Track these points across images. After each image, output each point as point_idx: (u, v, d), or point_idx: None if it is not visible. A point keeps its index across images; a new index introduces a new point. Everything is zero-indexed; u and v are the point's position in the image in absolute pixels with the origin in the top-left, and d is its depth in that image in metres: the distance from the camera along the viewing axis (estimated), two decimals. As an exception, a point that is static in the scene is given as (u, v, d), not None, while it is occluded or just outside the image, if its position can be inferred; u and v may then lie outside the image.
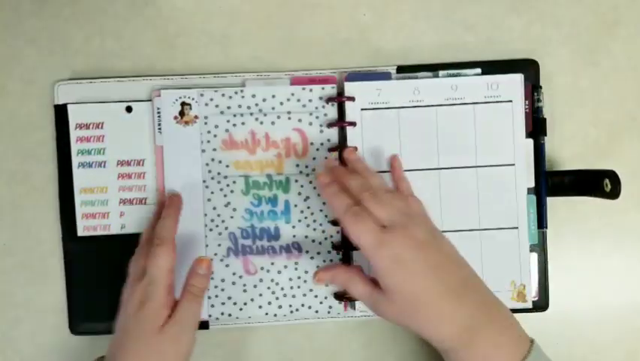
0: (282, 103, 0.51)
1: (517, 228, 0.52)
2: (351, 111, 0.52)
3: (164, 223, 0.47)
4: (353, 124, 0.51)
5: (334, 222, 0.52)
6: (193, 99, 0.51)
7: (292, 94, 0.51)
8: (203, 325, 0.52)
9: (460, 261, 0.44)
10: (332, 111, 0.52)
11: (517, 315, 0.53)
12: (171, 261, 0.45)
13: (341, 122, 0.52)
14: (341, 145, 0.52)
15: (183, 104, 0.51)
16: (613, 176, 0.47)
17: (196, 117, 0.52)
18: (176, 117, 0.51)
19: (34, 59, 0.53)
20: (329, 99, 0.52)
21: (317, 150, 0.51)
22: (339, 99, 0.52)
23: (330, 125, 0.52)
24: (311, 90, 0.51)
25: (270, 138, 0.51)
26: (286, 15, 0.54)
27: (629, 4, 0.54)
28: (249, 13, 0.54)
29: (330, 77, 0.53)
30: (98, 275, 0.52)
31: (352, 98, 0.51)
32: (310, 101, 0.51)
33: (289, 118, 0.51)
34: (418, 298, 0.41)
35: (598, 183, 0.48)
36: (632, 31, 0.54)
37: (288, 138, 0.51)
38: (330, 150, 0.52)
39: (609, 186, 0.47)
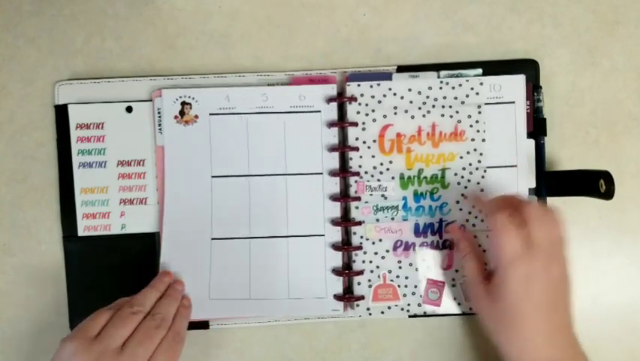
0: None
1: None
2: (352, 111, 0.52)
3: (184, 322, 0.48)
4: (354, 124, 0.51)
5: (335, 223, 0.52)
6: (193, 99, 0.51)
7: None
8: (204, 325, 0.52)
9: (569, 308, 0.45)
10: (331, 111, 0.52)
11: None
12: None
13: (341, 122, 0.52)
14: (341, 145, 0.52)
15: (184, 103, 0.51)
16: (607, 176, 0.47)
17: (196, 117, 0.51)
18: (176, 117, 0.51)
19: (34, 59, 0.53)
20: (329, 99, 0.52)
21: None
22: (340, 99, 0.52)
23: (330, 125, 0.52)
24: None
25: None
26: (286, 15, 0.54)
27: (629, 4, 0.54)
28: (249, 13, 0.54)
29: (330, 77, 0.53)
30: (99, 275, 0.52)
31: (354, 99, 0.51)
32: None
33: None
34: (522, 321, 0.43)
35: (593, 184, 0.48)
36: (632, 31, 0.54)
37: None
38: (331, 150, 0.52)
39: (604, 187, 0.47)
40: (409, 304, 0.52)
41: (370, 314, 0.52)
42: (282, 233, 0.52)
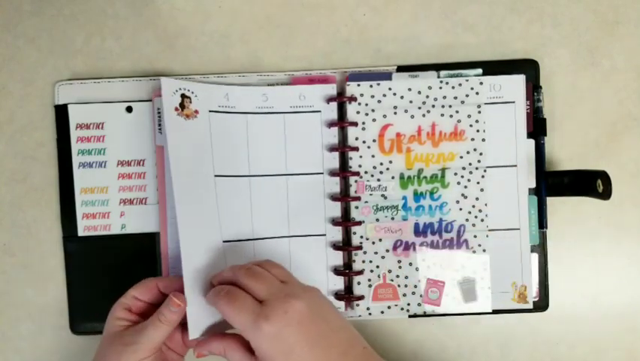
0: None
1: (518, 229, 0.52)
2: (352, 111, 0.52)
3: (173, 316, 0.44)
4: (354, 124, 0.51)
5: (335, 222, 0.52)
6: (192, 92, 0.50)
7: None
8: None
9: (341, 328, 0.43)
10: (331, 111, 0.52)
11: (516, 315, 0.54)
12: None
13: (341, 122, 0.52)
14: (341, 145, 0.52)
15: (183, 96, 0.50)
16: (605, 176, 0.47)
17: (196, 112, 0.51)
18: (177, 109, 0.49)
19: (34, 59, 0.53)
20: (329, 99, 0.52)
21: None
22: (340, 99, 0.52)
23: (330, 125, 0.52)
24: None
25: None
26: (286, 15, 0.54)
27: (629, 4, 0.54)
28: (249, 13, 0.54)
29: (330, 77, 0.53)
30: (99, 275, 0.52)
31: (354, 98, 0.51)
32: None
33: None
34: None
35: (591, 184, 0.48)
36: (632, 31, 0.54)
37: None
38: (331, 149, 0.52)
39: (601, 187, 0.47)
40: (408, 304, 0.52)
41: (370, 314, 0.52)
42: (283, 233, 0.52)
